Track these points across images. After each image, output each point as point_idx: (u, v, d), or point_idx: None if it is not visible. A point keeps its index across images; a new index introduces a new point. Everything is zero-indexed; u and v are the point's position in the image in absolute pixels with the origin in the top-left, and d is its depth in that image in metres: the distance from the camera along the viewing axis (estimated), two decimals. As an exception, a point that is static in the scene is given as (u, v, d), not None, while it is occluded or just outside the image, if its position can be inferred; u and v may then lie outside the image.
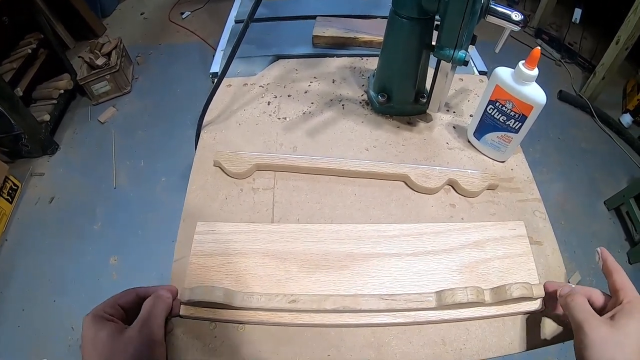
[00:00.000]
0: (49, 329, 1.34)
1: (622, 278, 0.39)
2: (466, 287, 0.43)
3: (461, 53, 0.50)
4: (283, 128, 0.65)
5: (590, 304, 0.39)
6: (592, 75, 1.95)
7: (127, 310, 0.41)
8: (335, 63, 0.77)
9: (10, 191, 1.68)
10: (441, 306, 0.44)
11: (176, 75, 2.25)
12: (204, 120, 0.65)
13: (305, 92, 0.71)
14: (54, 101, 1.95)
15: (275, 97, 0.70)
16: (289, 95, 0.70)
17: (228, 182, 0.58)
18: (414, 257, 0.48)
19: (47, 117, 1.86)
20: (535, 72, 0.49)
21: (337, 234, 0.50)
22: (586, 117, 1.94)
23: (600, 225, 1.54)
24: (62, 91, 1.99)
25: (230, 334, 0.45)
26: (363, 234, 0.50)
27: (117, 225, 1.63)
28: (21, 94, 1.75)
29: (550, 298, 0.44)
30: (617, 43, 1.76)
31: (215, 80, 0.61)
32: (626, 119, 1.90)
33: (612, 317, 0.36)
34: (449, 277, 0.47)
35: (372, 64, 0.76)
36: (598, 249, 0.43)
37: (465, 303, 0.43)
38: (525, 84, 0.50)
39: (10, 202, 1.67)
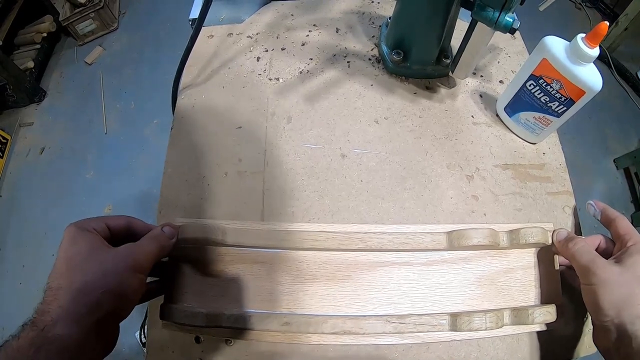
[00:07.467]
0: (52, 284, 1.35)
1: (625, 223, 0.38)
2: (485, 313, 0.38)
3: (508, 17, 0.38)
4: (275, 92, 0.54)
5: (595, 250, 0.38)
6: (613, 25, 1.76)
7: (113, 233, 0.36)
8: (339, 6, 0.62)
9: (0, 145, 1.60)
10: (455, 329, 0.38)
11: (166, 7, 2.01)
12: (181, 82, 0.53)
13: (302, 45, 0.58)
14: (37, 46, 1.84)
15: (267, 51, 0.57)
16: (282, 49, 0.58)
17: (210, 163, 0.49)
18: (428, 266, 0.42)
19: (31, 64, 1.77)
20: (596, 51, 0.38)
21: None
22: (603, 68, 1.77)
23: (607, 184, 1.48)
24: (45, 34, 1.87)
25: (218, 349, 0.41)
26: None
27: (109, 172, 1.56)
28: (1, 43, 1.62)
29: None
30: (645, -6, 1.56)
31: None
32: (644, 76, 1.75)
33: (617, 259, 0.35)
34: (466, 290, 0.41)
35: (386, 9, 0.62)
36: (590, 201, 0.42)
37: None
38: (581, 64, 0.39)
39: (1, 157, 1.59)
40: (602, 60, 1.79)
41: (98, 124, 1.67)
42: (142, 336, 1.08)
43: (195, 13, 0.60)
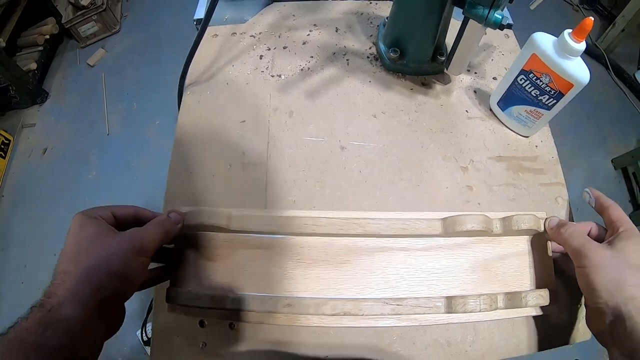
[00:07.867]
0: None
1: (617, 211, 0.39)
2: (479, 296, 0.39)
3: (497, 14, 0.40)
4: (277, 88, 0.56)
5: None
6: (610, 26, 1.79)
7: (120, 222, 0.37)
8: (338, 7, 0.65)
9: (2, 146, 1.62)
10: (450, 312, 0.40)
11: (167, 10, 2.04)
12: (187, 79, 0.55)
13: (303, 44, 0.60)
14: (40, 48, 1.86)
15: (269, 50, 0.60)
16: (284, 47, 0.60)
17: (214, 156, 0.51)
18: (425, 252, 0.43)
19: (33, 66, 1.79)
20: (582, 45, 0.40)
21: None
22: (600, 69, 1.81)
23: (605, 184, 1.50)
24: (47, 36, 1.89)
25: (222, 333, 0.42)
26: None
27: (111, 173, 1.57)
28: (4, 44, 1.64)
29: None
30: (641, -4, 1.60)
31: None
32: (641, 76, 1.78)
33: (609, 243, 0.36)
34: (461, 275, 0.43)
35: (383, 9, 0.64)
36: (586, 189, 0.43)
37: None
38: (569, 58, 0.41)
39: (4, 158, 1.61)
40: (598, 61, 1.82)
41: (100, 125, 1.69)
42: (144, 335, 1.09)
43: (200, 13, 0.62)
